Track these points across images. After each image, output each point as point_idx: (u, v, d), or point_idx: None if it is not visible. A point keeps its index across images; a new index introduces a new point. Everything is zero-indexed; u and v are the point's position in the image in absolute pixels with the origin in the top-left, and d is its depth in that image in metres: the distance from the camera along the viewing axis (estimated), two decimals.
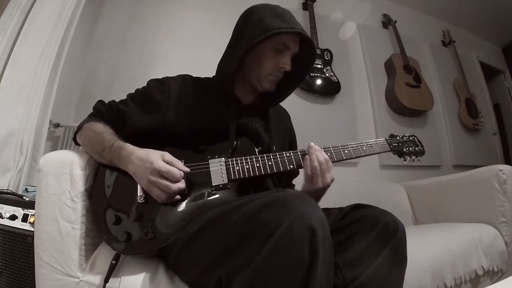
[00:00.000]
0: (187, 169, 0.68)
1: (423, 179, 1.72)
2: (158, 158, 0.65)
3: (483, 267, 1.07)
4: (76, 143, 0.80)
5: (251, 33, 0.77)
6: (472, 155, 2.54)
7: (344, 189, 1.57)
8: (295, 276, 0.46)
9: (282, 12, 0.80)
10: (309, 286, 0.46)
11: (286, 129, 0.99)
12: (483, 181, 1.30)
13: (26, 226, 0.87)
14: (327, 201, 0.80)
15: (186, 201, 0.67)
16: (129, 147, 0.69)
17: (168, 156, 0.67)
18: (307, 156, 0.75)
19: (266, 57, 0.80)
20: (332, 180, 0.74)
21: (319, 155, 0.73)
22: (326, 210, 0.71)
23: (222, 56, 0.86)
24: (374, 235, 0.63)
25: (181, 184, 0.66)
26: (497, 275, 1.14)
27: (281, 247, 0.47)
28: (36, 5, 1.34)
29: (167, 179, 0.64)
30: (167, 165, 0.65)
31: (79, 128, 0.77)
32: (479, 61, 3.02)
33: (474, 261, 1.06)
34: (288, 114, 1.03)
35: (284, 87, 0.88)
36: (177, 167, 0.66)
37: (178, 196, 0.66)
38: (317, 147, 0.76)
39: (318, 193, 0.75)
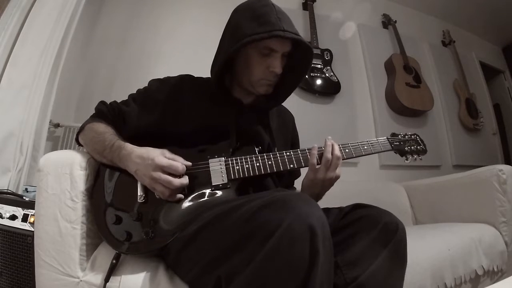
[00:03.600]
0: (189, 163, 0.69)
1: (423, 179, 1.72)
2: (159, 155, 0.66)
3: (483, 267, 1.07)
4: (79, 144, 0.80)
5: (229, 40, 0.75)
6: (472, 155, 2.54)
7: (344, 189, 1.56)
8: (295, 275, 0.46)
9: (263, 12, 0.73)
10: (309, 286, 0.46)
11: (288, 130, 0.98)
12: (483, 181, 1.30)
13: (26, 226, 0.87)
14: (327, 201, 0.80)
15: (186, 200, 0.67)
16: (129, 146, 0.69)
17: (168, 152, 0.68)
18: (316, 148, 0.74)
19: (254, 63, 0.76)
20: (337, 178, 0.74)
21: (335, 148, 0.73)
22: (326, 210, 0.71)
23: (213, 60, 0.83)
24: (374, 235, 0.63)
25: (184, 180, 0.66)
26: (497, 275, 1.14)
27: (281, 247, 0.47)
28: (36, 5, 1.34)
29: (169, 174, 0.64)
30: (168, 159, 0.65)
31: (81, 129, 0.78)
32: (479, 61, 3.02)
33: (474, 261, 1.06)
34: (292, 116, 1.02)
35: (284, 87, 0.86)
36: (178, 162, 0.66)
37: (181, 195, 0.66)
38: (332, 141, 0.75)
39: (320, 185, 0.74)
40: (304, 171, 0.79)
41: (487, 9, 2.76)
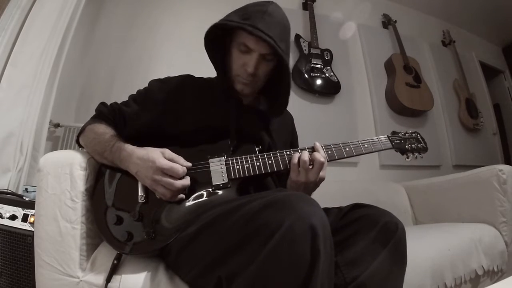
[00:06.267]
0: (189, 164, 0.68)
1: (423, 179, 1.72)
2: (159, 156, 0.65)
3: (483, 267, 1.07)
4: (80, 146, 0.80)
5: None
6: (472, 155, 2.54)
7: (344, 189, 1.57)
8: (296, 276, 0.46)
9: (254, 10, 0.74)
10: (310, 286, 0.46)
11: (287, 129, 0.99)
12: (483, 181, 1.30)
13: (26, 226, 0.87)
14: (327, 201, 0.80)
15: (187, 200, 0.67)
16: (129, 147, 0.69)
17: (168, 153, 0.67)
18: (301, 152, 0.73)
19: (234, 58, 0.79)
20: (321, 180, 0.72)
21: (316, 154, 0.71)
22: (325, 209, 0.71)
23: None
24: (373, 235, 0.63)
25: (185, 181, 0.66)
26: (497, 275, 1.14)
27: (282, 247, 0.47)
28: (36, 5, 1.34)
29: (170, 176, 0.64)
30: (169, 162, 0.65)
31: (82, 130, 0.78)
32: (479, 61, 3.02)
33: (474, 261, 1.06)
34: (291, 116, 1.03)
35: (281, 98, 0.84)
36: (179, 163, 0.66)
37: (182, 195, 0.66)
38: (318, 145, 0.74)
39: (303, 187, 0.72)
40: None
41: (487, 9, 2.76)
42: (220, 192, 0.69)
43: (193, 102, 0.81)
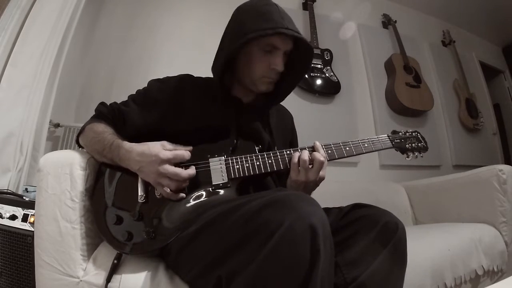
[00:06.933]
0: (190, 147, 0.69)
1: (423, 179, 1.72)
2: (160, 149, 0.66)
3: (483, 267, 1.07)
4: (79, 146, 0.80)
5: (232, 38, 0.76)
6: (472, 155, 2.55)
7: (344, 189, 1.57)
8: (296, 275, 0.46)
9: (266, 10, 0.74)
10: (310, 286, 0.46)
11: (287, 129, 0.99)
12: (483, 181, 1.30)
13: (26, 226, 0.87)
14: (327, 201, 0.80)
15: (186, 200, 0.67)
16: (127, 144, 0.69)
17: (168, 144, 0.68)
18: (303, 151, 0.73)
19: (256, 60, 0.77)
20: (321, 179, 0.72)
21: (316, 154, 0.71)
22: (326, 209, 0.71)
23: (214, 58, 0.84)
24: (374, 235, 0.63)
25: (191, 170, 0.66)
26: (497, 275, 1.14)
27: (282, 247, 0.47)
28: (36, 5, 1.34)
29: (175, 165, 0.64)
30: (172, 151, 0.66)
31: (81, 130, 0.78)
32: (479, 61, 3.02)
33: (474, 261, 1.06)
34: (291, 115, 1.03)
35: (284, 86, 0.86)
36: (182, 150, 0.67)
37: (182, 194, 0.66)
38: (318, 144, 0.74)
39: (302, 186, 0.72)
40: None
41: (487, 9, 2.76)
42: (220, 191, 0.69)
43: (192, 102, 0.81)
